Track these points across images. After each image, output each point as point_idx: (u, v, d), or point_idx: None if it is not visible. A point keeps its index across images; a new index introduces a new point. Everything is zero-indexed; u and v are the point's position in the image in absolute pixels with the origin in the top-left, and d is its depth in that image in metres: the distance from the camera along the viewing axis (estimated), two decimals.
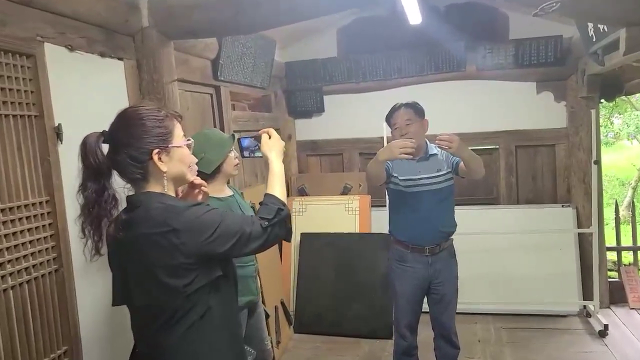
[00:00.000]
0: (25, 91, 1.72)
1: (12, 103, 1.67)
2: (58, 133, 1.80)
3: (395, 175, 2.48)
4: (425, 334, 2.73)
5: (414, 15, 3.28)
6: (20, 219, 1.68)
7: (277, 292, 3.67)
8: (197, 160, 1.57)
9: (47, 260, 1.77)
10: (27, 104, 1.72)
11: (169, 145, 1.28)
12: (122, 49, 2.24)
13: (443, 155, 2.48)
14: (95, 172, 1.25)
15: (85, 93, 1.98)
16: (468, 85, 4.19)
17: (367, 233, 4.05)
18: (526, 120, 4.15)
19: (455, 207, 2.60)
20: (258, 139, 1.52)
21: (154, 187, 1.29)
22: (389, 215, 2.64)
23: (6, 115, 1.65)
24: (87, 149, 1.25)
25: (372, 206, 4.17)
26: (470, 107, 4.21)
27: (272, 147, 1.48)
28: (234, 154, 2.18)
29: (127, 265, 1.26)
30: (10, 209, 1.65)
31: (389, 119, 2.50)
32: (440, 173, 2.47)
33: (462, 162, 2.36)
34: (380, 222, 3.82)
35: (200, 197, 1.46)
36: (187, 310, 1.23)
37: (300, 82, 4.48)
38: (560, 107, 4.10)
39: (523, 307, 3.86)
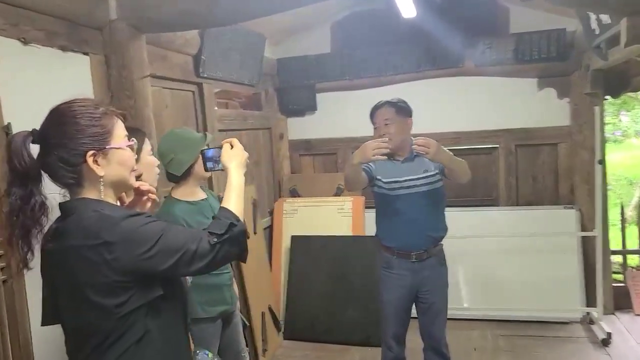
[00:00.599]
0: None
1: None
2: (7, 133, 1.66)
3: (378, 177, 2.34)
4: (414, 341, 2.59)
5: (407, 8, 3.15)
6: None
7: (265, 298, 3.54)
8: (157, 164, 1.43)
9: None
10: None
11: (107, 147, 1.15)
12: (87, 42, 2.10)
13: None
14: (21, 176, 1.12)
15: (42, 90, 1.83)
16: (466, 82, 4.02)
17: (361, 236, 3.90)
18: (527, 118, 3.98)
19: (452, 209, 2.47)
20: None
21: (90, 194, 1.16)
22: (376, 219, 2.50)
23: None
24: (12, 149, 1.12)
25: (366, 208, 4.02)
26: (469, 105, 4.05)
27: (233, 157, 1.36)
28: None
29: (57, 280, 1.13)
30: None
31: (371, 117, 2.36)
32: (427, 174, 2.32)
33: None
34: (374, 224, 3.65)
35: (148, 205, 1.32)
36: (121, 333, 1.10)
37: (293, 79, 4.32)
38: (563, 104, 3.92)
39: (522, 314, 3.70)
